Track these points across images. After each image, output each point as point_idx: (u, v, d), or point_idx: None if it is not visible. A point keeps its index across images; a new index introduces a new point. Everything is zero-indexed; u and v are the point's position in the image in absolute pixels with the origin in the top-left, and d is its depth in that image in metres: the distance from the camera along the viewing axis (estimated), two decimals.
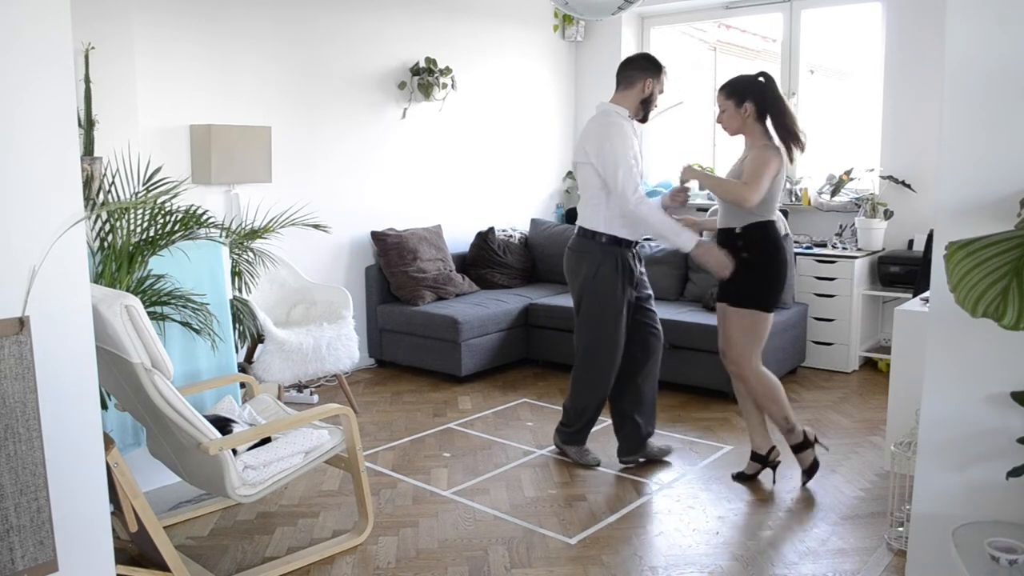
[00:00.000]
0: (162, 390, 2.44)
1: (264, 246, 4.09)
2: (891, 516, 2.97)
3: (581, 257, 3.59)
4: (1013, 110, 2.09)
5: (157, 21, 4.16)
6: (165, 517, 3.09)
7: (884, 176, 5.35)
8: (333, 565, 2.84)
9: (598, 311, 3.56)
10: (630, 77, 3.59)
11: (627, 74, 3.60)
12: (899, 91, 5.34)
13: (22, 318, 1.82)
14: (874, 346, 5.36)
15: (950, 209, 2.18)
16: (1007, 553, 1.94)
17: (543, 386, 4.99)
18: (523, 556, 2.89)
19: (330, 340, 4.24)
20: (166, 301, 3.10)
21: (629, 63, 3.65)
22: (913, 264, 5.01)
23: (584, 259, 3.57)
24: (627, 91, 3.59)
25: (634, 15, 6.57)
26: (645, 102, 3.60)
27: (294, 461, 2.76)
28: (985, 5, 2.10)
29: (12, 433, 1.81)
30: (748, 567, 2.80)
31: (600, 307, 3.55)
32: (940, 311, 2.22)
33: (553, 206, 6.72)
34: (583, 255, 3.58)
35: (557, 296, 5.48)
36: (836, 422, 4.29)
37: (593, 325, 3.58)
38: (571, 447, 3.78)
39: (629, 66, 3.62)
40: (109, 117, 3.71)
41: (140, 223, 3.12)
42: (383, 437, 4.11)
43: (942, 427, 2.27)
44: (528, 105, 6.41)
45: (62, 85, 1.88)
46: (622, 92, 3.60)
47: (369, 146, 5.31)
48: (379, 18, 5.28)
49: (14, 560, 1.83)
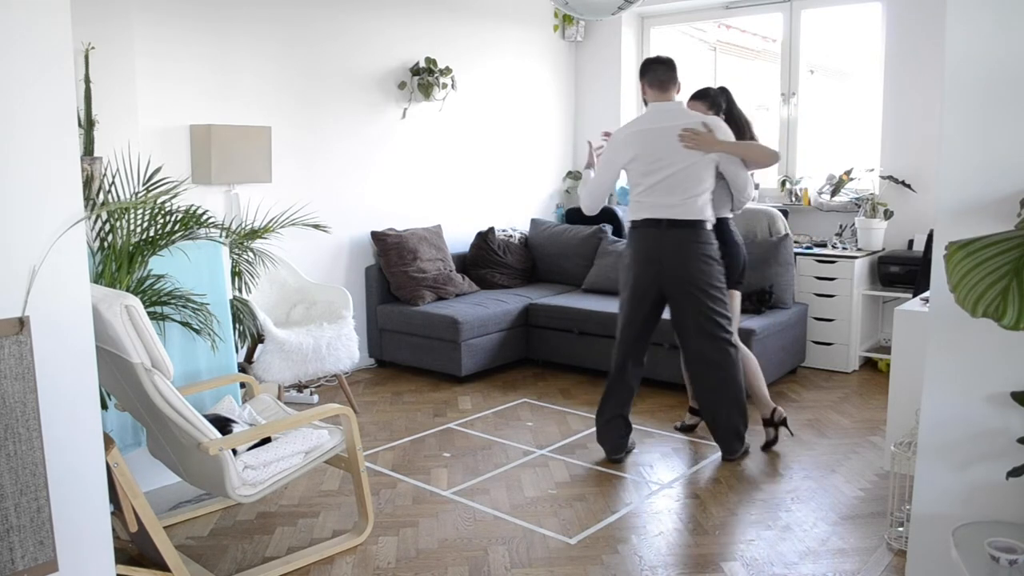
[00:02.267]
0: (162, 390, 2.44)
1: (264, 246, 4.09)
2: (891, 516, 2.97)
3: (715, 249, 3.62)
4: (1013, 110, 2.09)
5: (157, 21, 4.16)
6: (165, 517, 3.09)
7: (884, 176, 5.35)
8: (333, 565, 2.84)
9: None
10: (676, 79, 3.70)
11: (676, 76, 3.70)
12: (899, 91, 5.34)
13: (22, 318, 1.82)
14: (874, 346, 5.36)
15: (950, 209, 2.18)
16: (1007, 553, 1.94)
17: (543, 386, 4.99)
18: (523, 556, 2.89)
19: (330, 340, 4.24)
20: (166, 301, 3.10)
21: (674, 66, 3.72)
22: (913, 264, 5.01)
23: (715, 251, 3.63)
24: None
25: (634, 15, 6.57)
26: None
27: (294, 461, 2.76)
28: (985, 5, 2.10)
29: (12, 433, 1.81)
30: (748, 567, 2.80)
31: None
32: (940, 311, 2.21)
33: (553, 206, 6.72)
34: (713, 245, 3.62)
35: (557, 296, 5.48)
36: (836, 422, 4.29)
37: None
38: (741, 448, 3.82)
39: (674, 68, 3.69)
40: (109, 117, 3.71)
41: (140, 223, 3.12)
42: (383, 437, 4.11)
43: (942, 427, 2.27)
44: (528, 105, 6.41)
45: (62, 85, 1.88)
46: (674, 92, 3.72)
47: (369, 146, 5.31)
48: (379, 18, 5.28)
49: (14, 560, 1.83)
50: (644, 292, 3.62)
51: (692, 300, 3.55)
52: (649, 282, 3.60)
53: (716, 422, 3.69)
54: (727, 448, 3.74)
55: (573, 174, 6.79)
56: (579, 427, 4.22)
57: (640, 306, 3.64)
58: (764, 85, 6.13)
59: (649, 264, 3.58)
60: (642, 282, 3.61)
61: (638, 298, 3.64)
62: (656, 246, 3.57)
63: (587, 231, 5.86)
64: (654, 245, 3.58)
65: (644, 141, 3.57)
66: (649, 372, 4.69)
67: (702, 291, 3.54)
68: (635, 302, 3.65)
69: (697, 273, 3.53)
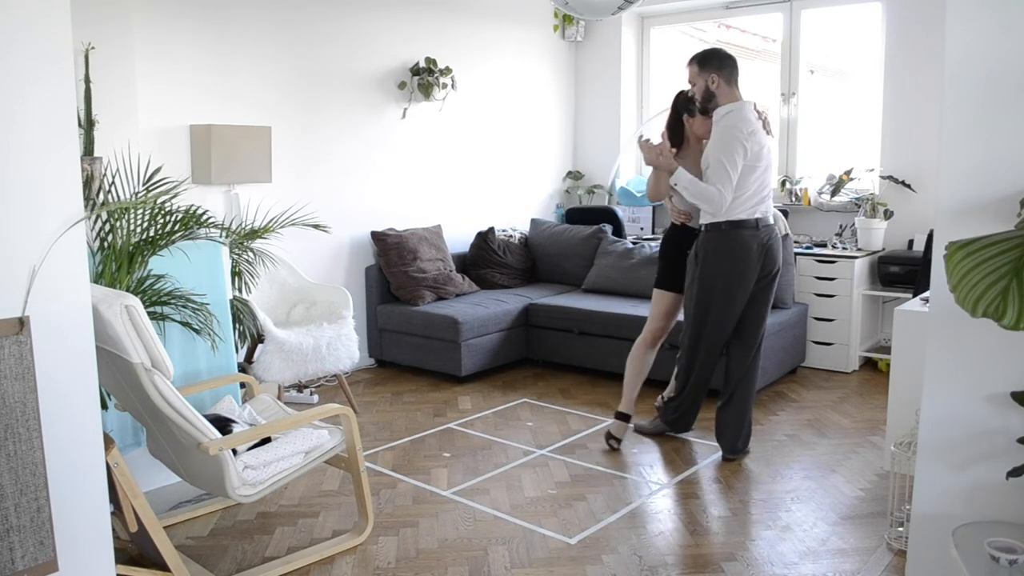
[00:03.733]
0: (162, 390, 2.44)
1: (264, 246, 4.09)
2: (891, 516, 2.97)
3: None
4: (1013, 110, 2.09)
5: (157, 21, 4.16)
6: (165, 517, 3.09)
7: (884, 176, 5.35)
8: (333, 565, 2.84)
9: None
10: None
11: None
12: (899, 91, 5.34)
13: (22, 318, 1.82)
14: (874, 346, 5.36)
15: (950, 209, 2.18)
16: (1007, 553, 1.94)
17: (543, 386, 4.99)
18: (523, 556, 2.89)
19: (330, 340, 4.24)
20: (166, 301, 3.10)
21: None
22: (913, 264, 5.01)
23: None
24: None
25: (634, 15, 6.57)
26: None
27: (294, 461, 2.76)
28: (985, 5, 2.10)
29: (12, 433, 1.81)
30: (748, 567, 2.80)
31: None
32: (940, 311, 2.21)
33: (553, 206, 6.72)
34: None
35: (557, 296, 5.48)
36: (836, 422, 4.29)
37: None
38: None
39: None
40: (109, 117, 3.71)
41: (140, 223, 3.12)
42: (383, 437, 4.11)
43: (942, 427, 2.27)
44: (528, 105, 6.41)
45: (62, 85, 1.88)
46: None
47: (369, 146, 5.31)
48: (379, 18, 5.28)
49: (14, 560, 1.83)
50: (749, 289, 3.64)
51: (770, 292, 3.68)
52: (752, 280, 3.62)
53: (743, 419, 3.75)
54: (731, 448, 3.74)
55: (573, 174, 6.79)
56: (579, 427, 4.22)
57: (742, 302, 3.64)
58: (764, 85, 6.13)
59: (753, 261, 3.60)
60: (748, 279, 3.60)
61: (744, 293, 3.62)
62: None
63: (587, 231, 5.86)
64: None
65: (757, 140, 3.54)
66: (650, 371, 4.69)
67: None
68: (741, 298, 3.62)
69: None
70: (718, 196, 3.46)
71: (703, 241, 3.61)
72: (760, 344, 3.75)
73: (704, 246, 3.60)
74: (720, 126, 3.54)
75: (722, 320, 3.63)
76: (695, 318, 3.68)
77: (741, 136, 3.47)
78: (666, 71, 6.66)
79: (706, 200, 3.49)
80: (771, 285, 3.67)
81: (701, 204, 3.53)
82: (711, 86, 3.58)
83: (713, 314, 3.62)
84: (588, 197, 6.65)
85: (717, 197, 3.46)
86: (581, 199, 6.67)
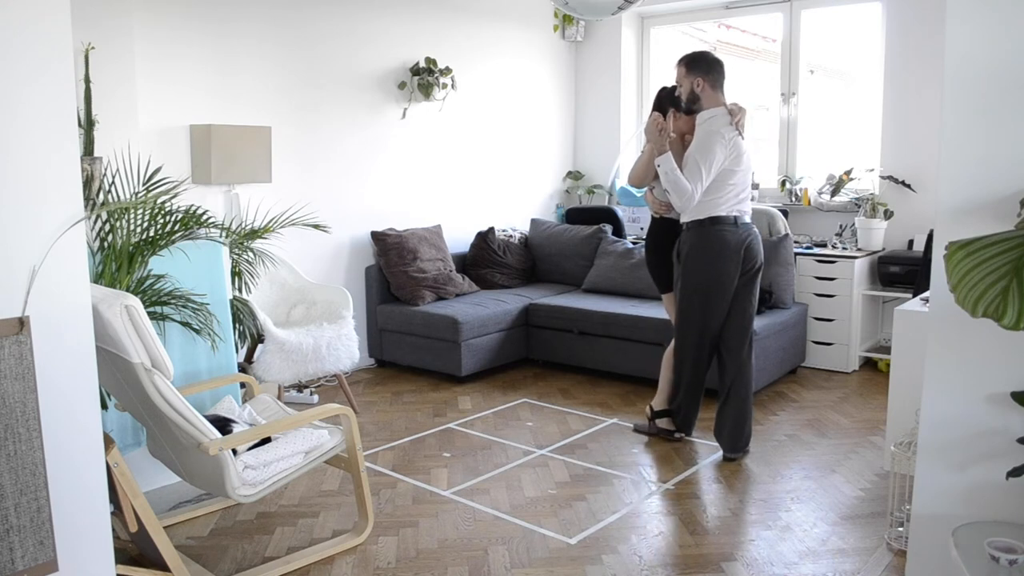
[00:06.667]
0: (162, 390, 2.44)
1: (264, 246, 4.09)
2: (891, 516, 2.97)
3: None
4: (1013, 110, 2.09)
5: (157, 21, 4.16)
6: (165, 517, 3.09)
7: (884, 176, 5.35)
8: (333, 565, 2.84)
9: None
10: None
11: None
12: (899, 91, 5.33)
13: (22, 318, 1.82)
14: (874, 346, 5.36)
15: (950, 209, 2.18)
16: (1007, 553, 1.94)
17: (543, 386, 4.99)
18: (523, 556, 2.89)
19: (330, 340, 4.24)
20: (166, 301, 3.10)
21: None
22: (913, 264, 5.01)
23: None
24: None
25: (634, 15, 6.57)
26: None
27: (294, 461, 2.76)
28: (985, 5, 2.10)
29: (12, 433, 1.81)
30: (748, 567, 2.80)
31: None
32: (940, 311, 2.21)
33: (553, 206, 6.71)
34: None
35: (557, 296, 5.47)
36: (836, 422, 4.29)
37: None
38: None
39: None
40: (109, 117, 3.71)
41: (140, 223, 3.12)
42: (383, 437, 4.11)
43: (942, 427, 2.27)
44: (528, 105, 6.41)
45: (62, 85, 1.88)
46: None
47: (369, 146, 5.31)
48: (379, 18, 5.28)
49: (14, 560, 1.83)
50: (732, 285, 3.70)
51: (753, 287, 3.75)
52: (735, 275, 3.69)
53: (742, 418, 3.75)
54: (731, 447, 3.75)
55: (573, 174, 6.79)
56: (579, 427, 4.22)
57: (727, 298, 3.71)
58: (764, 85, 6.13)
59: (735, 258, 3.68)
60: (731, 274, 3.67)
61: (728, 289, 3.69)
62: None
63: (587, 231, 5.86)
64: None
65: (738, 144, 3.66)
66: (650, 371, 4.70)
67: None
68: (724, 293, 3.69)
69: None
70: (689, 191, 3.58)
71: (685, 239, 3.73)
72: (751, 340, 3.78)
73: (686, 243, 3.71)
74: (702, 129, 3.66)
75: (708, 317, 3.70)
76: (682, 316, 3.78)
77: (723, 142, 3.59)
78: (666, 71, 6.66)
79: (678, 191, 3.60)
80: (754, 280, 3.74)
81: (672, 192, 3.64)
82: (696, 89, 3.68)
83: (699, 311, 3.71)
84: (588, 197, 6.66)
85: (688, 192, 3.58)
86: (581, 199, 6.68)
